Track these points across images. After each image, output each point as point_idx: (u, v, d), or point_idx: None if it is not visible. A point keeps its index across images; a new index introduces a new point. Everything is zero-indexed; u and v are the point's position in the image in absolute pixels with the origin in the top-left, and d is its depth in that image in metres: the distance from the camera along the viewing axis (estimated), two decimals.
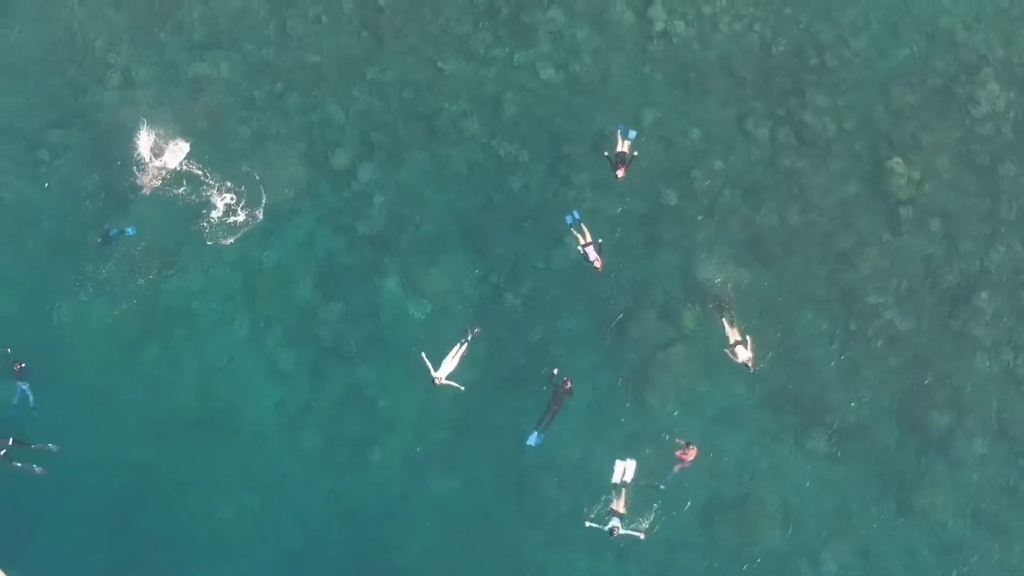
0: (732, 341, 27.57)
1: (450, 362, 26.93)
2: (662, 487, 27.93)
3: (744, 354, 27.36)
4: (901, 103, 30.72)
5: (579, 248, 28.08)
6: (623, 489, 26.63)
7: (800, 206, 30.20)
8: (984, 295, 29.24)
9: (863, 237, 29.94)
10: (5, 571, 25.81)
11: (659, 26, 31.45)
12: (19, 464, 26.79)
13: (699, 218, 30.16)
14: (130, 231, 29.57)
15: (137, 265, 29.79)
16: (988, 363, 29.18)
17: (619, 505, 26.54)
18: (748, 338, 27.51)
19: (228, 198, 30.26)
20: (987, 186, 30.08)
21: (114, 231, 29.33)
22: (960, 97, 30.62)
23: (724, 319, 27.98)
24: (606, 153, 28.46)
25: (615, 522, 26.31)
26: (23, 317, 29.97)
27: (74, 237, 30.23)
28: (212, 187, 30.37)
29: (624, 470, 26.90)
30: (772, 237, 30.01)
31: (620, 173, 28.05)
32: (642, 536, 26.61)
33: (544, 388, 27.97)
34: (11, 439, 26.55)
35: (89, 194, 30.50)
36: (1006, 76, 30.67)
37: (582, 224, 28.31)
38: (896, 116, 30.68)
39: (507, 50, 31.65)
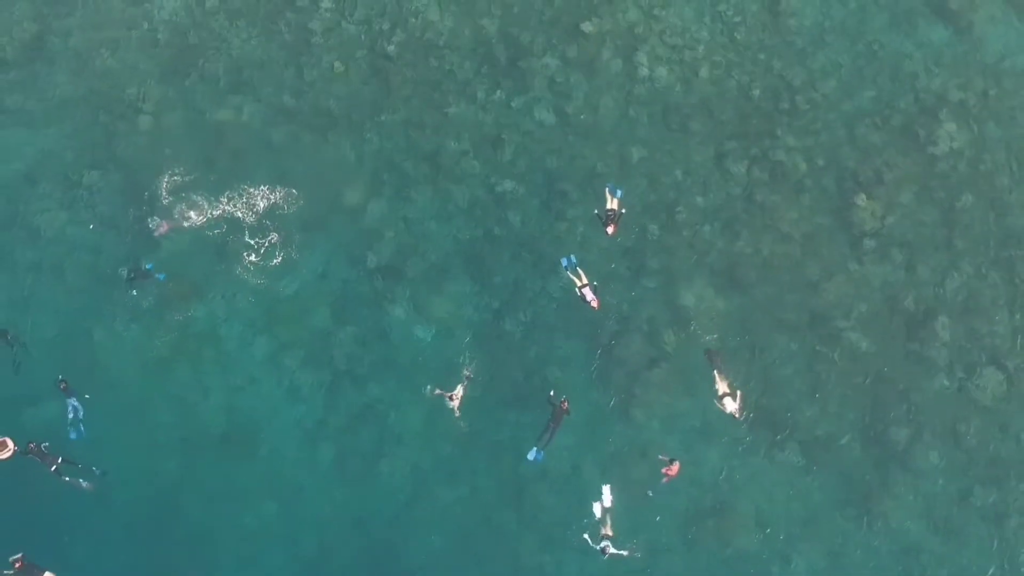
0: (721, 393, 28.27)
1: (453, 403, 28.56)
2: (650, 494, 29.31)
3: (731, 405, 28.12)
4: (866, 142, 32.45)
5: (576, 290, 29.03)
6: (608, 515, 27.70)
7: (773, 237, 31.72)
8: (941, 319, 30.65)
9: (830, 266, 31.38)
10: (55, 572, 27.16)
11: (644, 72, 33.22)
12: (68, 479, 28.10)
13: (681, 249, 31.71)
14: (160, 276, 31.10)
15: (168, 294, 31.32)
16: (944, 381, 30.48)
17: (608, 529, 27.58)
18: (737, 391, 28.38)
19: (251, 233, 31.88)
20: (944, 218, 31.70)
21: (150, 267, 31.02)
22: (920, 136, 32.33)
23: (714, 371, 28.70)
24: (596, 212, 29.72)
25: (605, 543, 27.39)
26: (63, 341, 31.33)
27: (110, 269, 31.77)
28: (235, 223, 32.02)
29: (606, 500, 27.96)
30: (747, 266, 31.47)
31: (610, 230, 29.23)
32: (626, 554, 27.58)
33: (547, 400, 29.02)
34: (60, 458, 27.78)
35: (123, 230, 32.21)
36: (962, 117, 32.41)
37: (578, 268, 29.44)
38: (862, 154, 32.36)
39: (505, 94, 33.33)
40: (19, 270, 32.55)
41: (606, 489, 28.17)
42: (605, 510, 27.89)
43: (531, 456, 29.40)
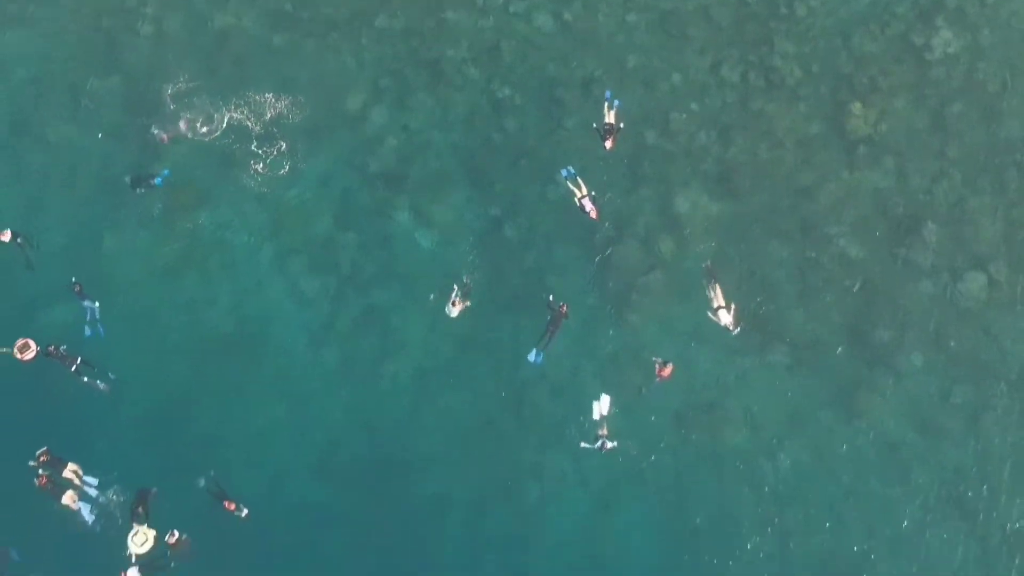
0: (716, 305, 29.06)
1: (453, 309, 29.42)
2: (644, 391, 30.47)
3: (726, 318, 28.90)
4: (862, 49, 32.58)
5: (576, 200, 29.68)
6: (605, 420, 28.89)
7: (767, 144, 32.08)
8: (929, 225, 31.19)
9: (823, 173, 31.77)
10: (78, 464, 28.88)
11: None
12: (86, 379, 29.27)
13: (677, 156, 32.11)
14: (159, 180, 31.56)
15: (175, 202, 31.98)
16: (930, 286, 31.11)
17: (604, 431, 28.94)
18: (732, 305, 29.10)
19: (254, 140, 32.33)
20: (937, 125, 32.01)
21: (159, 180, 31.52)
22: (916, 44, 32.47)
23: (709, 285, 29.42)
24: (594, 125, 30.04)
25: (602, 441, 28.84)
26: (73, 248, 31.98)
27: (117, 177, 32.24)
28: (238, 130, 32.40)
29: (603, 406, 29.09)
30: (742, 173, 31.90)
31: (608, 144, 29.61)
32: (616, 444, 29.05)
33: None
34: (79, 358, 28.97)
35: (129, 137, 32.60)
36: (958, 24, 32.55)
37: (577, 178, 29.95)
38: (857, 61, 32.54)
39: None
40: (28, 176, 33.09)
41: (605, 398, 29.24)
42: (603, 416, 29.01)
43: (531, 358, 30.30)
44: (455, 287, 29.93)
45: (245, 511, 28.70)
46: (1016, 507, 30.62)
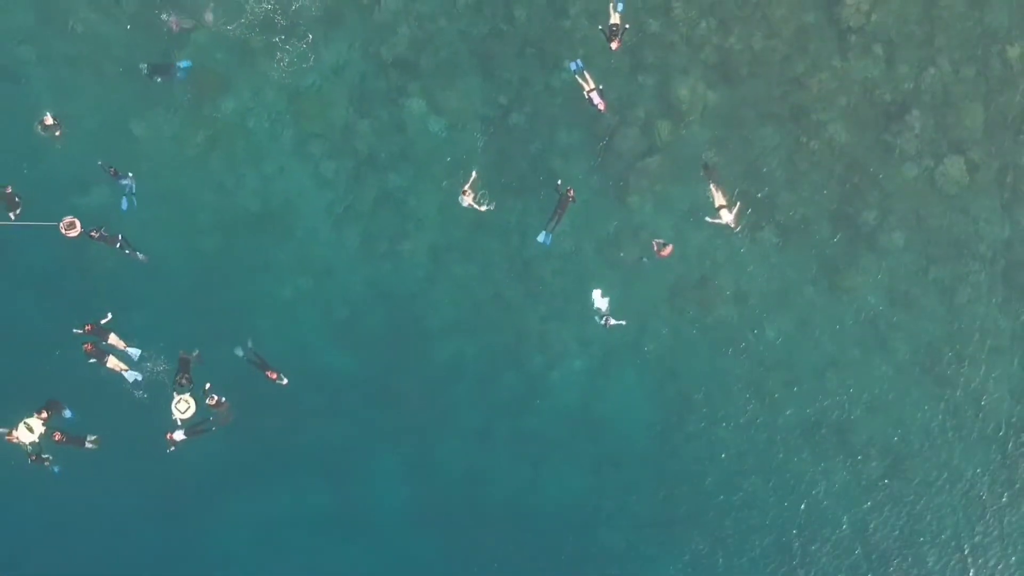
0: (717, 205, 29.89)
1: (464, 198, 30.73)
2: (645, 260, 32.51)
3: (727, 216, 29.81)
4: None
5: (584, 94, 30.71)
6: (601, 308, 30.92)
7: (764, 34, 32.85)
8: (914, 112, 32.46)
9: (815, 62, 32.69)
10: (120, 336, 31.13)
11: None
12: (127, 251, 31.26)
13: (677, 45, 33.07)
14: (183, 64, 32.78)
15: (199, 89, 33.26)
16: (913, 169, 32.66)
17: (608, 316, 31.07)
18: (736, 203, 30.28)
19: (271, 28, 33.04)
20: (926, 15, 32.67)
21: (181, 66, 32.73)
22: None
23: (711, 184, 30.30)
24: (600, 27, 30.76)
25: (606, 319, 30.95)
26: (104, 133, 33.29)
27: (142, 65, 32.84)
28: (255, 17, 33.05)
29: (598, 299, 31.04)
30: (738, 62, 32.89)
31: (614, 45, 30.37)
32: (624, 323, 31.35)
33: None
34: (120, 236, 30.97)
35: (153, 26, 33.31)
36: None
37: (585, 72, 30.95)
38: None
39: None
40: (57, 64, 33.96)
41: (596, 292, 31.26)
42: (601, 306, 31.09)
43: (540, 238, 32.08)
44: (469, 178, 31.35)
45: (285, 380, 31.43)
46: (987, 378, 33.34)
